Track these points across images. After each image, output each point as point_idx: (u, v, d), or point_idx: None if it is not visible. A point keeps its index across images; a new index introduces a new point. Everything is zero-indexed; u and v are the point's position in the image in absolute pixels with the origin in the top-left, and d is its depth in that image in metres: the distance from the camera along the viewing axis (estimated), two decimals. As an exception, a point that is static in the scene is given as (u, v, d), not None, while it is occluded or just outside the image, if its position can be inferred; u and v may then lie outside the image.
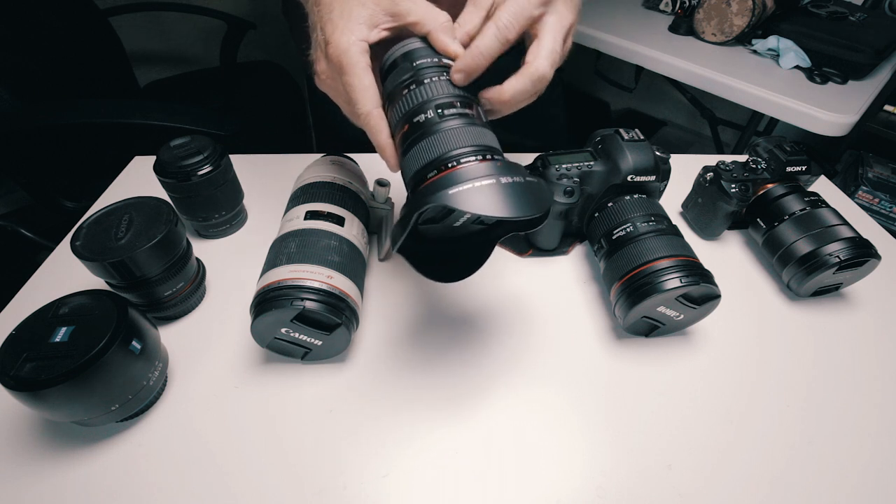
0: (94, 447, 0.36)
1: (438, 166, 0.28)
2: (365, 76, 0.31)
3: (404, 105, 0.31)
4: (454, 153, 0.29)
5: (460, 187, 0.26)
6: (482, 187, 0.26)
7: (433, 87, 0.31)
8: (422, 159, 0.29)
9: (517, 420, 0.38)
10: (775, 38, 1.20)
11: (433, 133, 0.30)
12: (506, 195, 0.26)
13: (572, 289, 0.49)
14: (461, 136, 0.29)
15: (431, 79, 0.31)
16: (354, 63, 0.31)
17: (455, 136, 0.29)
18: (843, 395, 0.42)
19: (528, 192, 0.27)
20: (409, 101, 0.31)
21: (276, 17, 1.77)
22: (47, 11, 1.06)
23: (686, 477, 0.35)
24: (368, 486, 0.34)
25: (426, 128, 0.30)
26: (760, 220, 0.51)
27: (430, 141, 0.29)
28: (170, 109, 0.89)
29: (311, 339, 0.38)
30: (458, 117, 0.30)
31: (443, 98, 0.31)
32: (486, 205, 0.25)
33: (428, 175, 0.29)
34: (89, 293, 0.34)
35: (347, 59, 0.31)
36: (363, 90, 0.31)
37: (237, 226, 0.54)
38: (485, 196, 0.26)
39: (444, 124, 0.30)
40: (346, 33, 0.31)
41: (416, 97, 0.31)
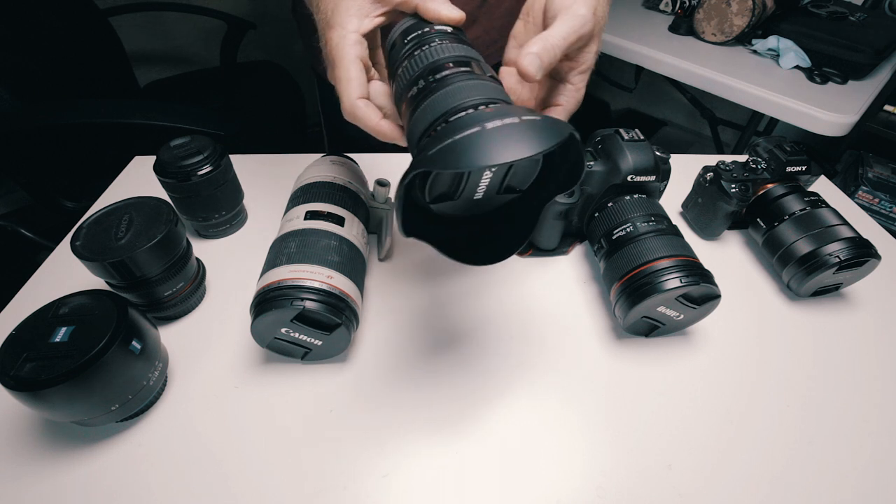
0: (94, 447, 0.36)
1: (444, 120, 0.26)
2: (351, 68, 0.31)
3: (402, 79, 0.30)
4: (467, 103, 0.26)
5: (444, 142, 0.22)
6: (464, 139, 0.22)
7: (427, 54, 0.30)
8: (419, 126, 0.27)
9: (517, 420, 0.38)
10: (775, 38, 1.20)
11: (427, 97, 0.27)
12: (495, 139, 0.22)
13: (572, 289, 0.49)
14: (457, 94, 0.26)
15: (422, 48, 0.30)
16: (342, 56, 0.31)
17: (448, 96, 0.27)
18: (843, 395, 0.42)
19: (527, 130, 0.22)
20: (406, 73, 0.30)
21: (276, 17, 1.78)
22: (47, 11, 1.06)
23: (686, 477, 0.35)
24: (368, 486, 0.34)
25: (421, 95, 0.28)
26: (760, 220, 0.51)
27: (424, 108, 0.27)
28: (170, 109, 0.89)
29: (311, 339, 0.38)
30: (454, 77, 0.28)
31: (439, 61, 0.29)
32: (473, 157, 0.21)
33: (436, 129, 0.26)
34: (89, 293, 0.34)
35: (336, 53, 0.31)
36: (347, 82, 0.31)
37: (237, 226, 0.54)
38: (470, 148, 0.21)
39: (438, 86, 0.27)
40: (337, 29, 0.32)
41: (411, 68, 0.30)
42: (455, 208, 0.30)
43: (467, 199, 0.30)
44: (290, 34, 1.81)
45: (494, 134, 0.21)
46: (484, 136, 0.21)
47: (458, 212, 0.31)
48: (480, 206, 0.31)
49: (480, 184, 0.29)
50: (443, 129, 0.24)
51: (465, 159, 0.21)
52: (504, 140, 0.21)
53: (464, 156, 0.21)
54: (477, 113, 0.24)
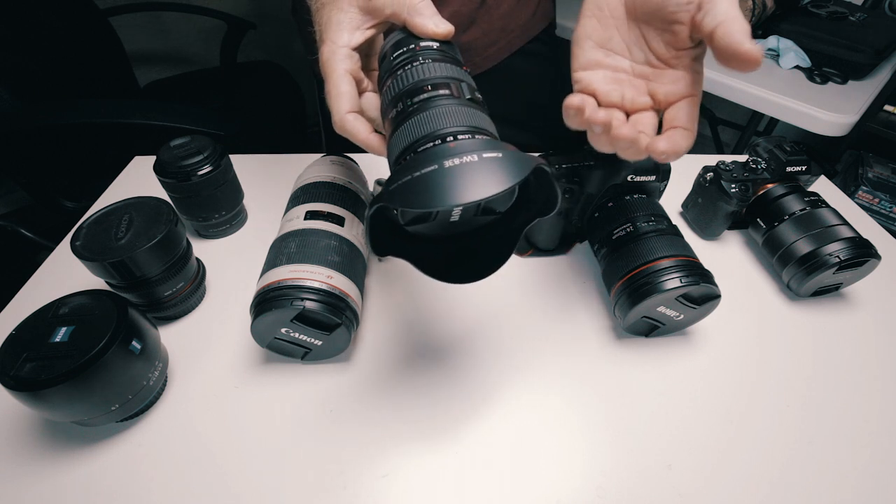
0: (94, 447, 0.36)
1: (413, 150, 0.26)
2: (341, 83, 0.32)
3: (389, 93, 0.30)
4: (437, 133, 0.25)
5: (404, 179, 0.22)
6: (422, 177, 0.22)
7: (408, 75, 0.30)
8: (393, 153, 0.28)
9: (517, 420, 0.38)
10: (775, 38, 1.20)
11: (402, 122, 0.27)
12: (452, 179, 0.21)
13: (572, 289, 0.49)
14: (427, 122, 0.26)
15: (405, 68, 0.30)
16: (332, 71, 0.32)
17: (418, 125, 0.26)
18: (843, 395, 0.42)
19: (485, 169, 0.22)
20: (388, 93, 0.30)
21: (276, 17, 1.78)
22: (47, 11, 1.06)
23: (686, 477, 0.35)
24: (368, 486, 0.34)
25: (398, 119, 0.28)
26: (760, 220, 0.51)
27: (398, 134, 0.27)
28: (170, 109, 0.89)
29: (311, 339, 0.38)
30: (430, 101, 0.28)
31: (427, 81, 0.29)
32: (421, 200, 0.21)
33: (405, 158, 0.26)
34: (89, 293, 0.34)
35: (327, 67, 0.32)
36: (337, 96, 0.31)
37: (237, 226, 0.54)
38: (427, 188, 0.21)
39: (413, 112, 0.27)
40: (328, 44, 0.32)
41: (393, 89, 0.30)
42: (432, 229, 0.30)
43: (443, 221, 0.30)
44: (290, 34, 1.81)
45: (452, 173, 0.21)
46: (441, 175, 0.21)
47: (435, 232, 0.30)
48: (458, 227, 0.30)
49: (454, 210, 0.28)
50: (409, 161, 0.24)
51: (421, 200, 0.21)
52: (461, 179, 0.21)
53: (420, 196, 0.21)
54: (438, 148, 0.24)
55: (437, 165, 0.22)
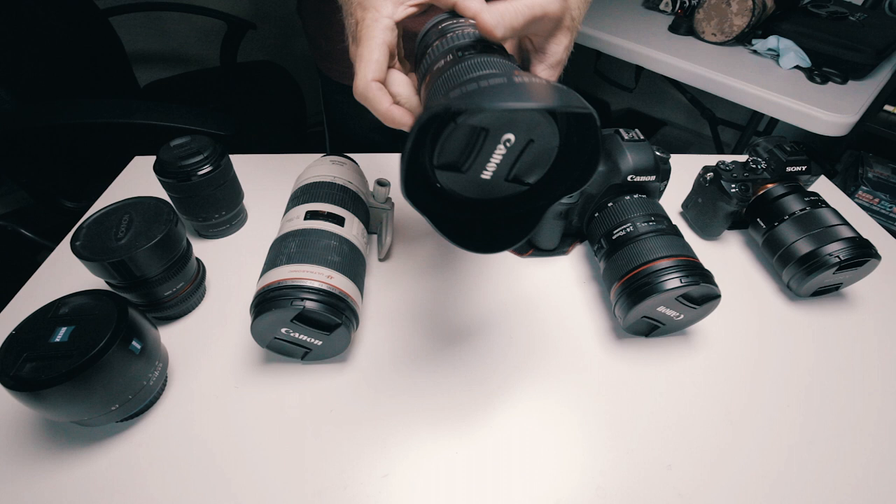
0: (94, 447, 0.36)
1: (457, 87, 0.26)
2: (376, 49, 0.31)
3: (431, 56, 0.30)
4: (476, 74, 0.26)
5: (463, 88, 0.23)
6: (490, 87, 0.22)
7: (453, 38, 0.30)
8: (442, 89, 0.27)
9: (517, 420, 0.38)
10: (775, 38, 1.20)
11: (455, 65, 0.27)
12: (518, 89, 0.22)
13: (572, 289, 0.49)
14: (485, 64, 0.26)
15: (454, 31, 0.30)
16: (370, 37, 0.31)
17: (475, 66, 0.26)
18: (843, 394, 0.42)
19: (551, 90, 0.23)
20: (435, 51, 0.30)
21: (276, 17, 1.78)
22: (47, 11, 1.06)
23: (686, 477, 0.35)
24: (368, 486, 0.34)
25: (449, 66, 0.28)
26: (760, 220, 0.51)
27: (450, 74, 0.27)
28: (170, 109, 0.89)
29: (311, 339, 0.38)
30: (484, 53, 0.28)
31: (470, 41, 0.29)
32: (496, 96, 0.22)
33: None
34: (89, 293, 0.34)
35: (365, 32, 0.31)
36: (367, 62, 0.30)
37: (237, 226, 0.54)
38: (495, 92, 0.22)
39: (467, 58, 0.27)
40: (371, 11, 0.31)
41: (442, 46, 0.30)
42: (460, 185, 0.30)
43: (474, 179, 0.29)
44: (290, 34, 1.81)
45: (520, 87, 0.22)
46: (510, 87, 0.22)
47: (463, 191, 0.30)
48: (486, 191, 0.30)
49: (491, 160, 0.28)
50: (470, 75, 0.24)
51: (489, 98, 0.21)
52: (529, 92, 0.22)
53: (487, 96, 0.22)
54: (504, 72, 0.24)
55: (506, 79, 0.23)
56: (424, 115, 0.23)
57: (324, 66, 0.73)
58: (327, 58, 0.72)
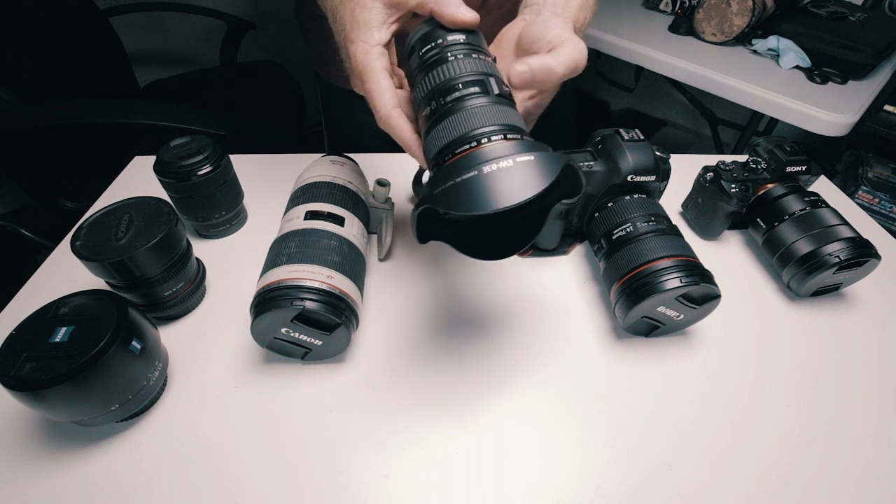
0: (94, 447, 0.36)
1: (451, 151, 0.28)
2: (381, 80, 0.32)
3: (421, 90, 0.31)
4: (471, 134, 0.27)
5: (447, 184, 0.25)
6: (463, 183, 0.24)
7: (441, 73, 0.30)
8: (431, 151, 0.29)
9: (517, 420, 0.38)
10: (775, 38, 1.20)
11: (438, 122, 0.29)
12: (491, 184, 0.24)
13: (572, 289, 0.49)
14: (463, 122, 0.28)
15: (437, 67, 0.31)
16: (370, 70, 0.32)
17: (454, 125, 0.28)
18: (844, 395, 0.42)
19: (521, 173, 0.24)
20: (425, 85, 0.31)
21: (276, 17, 1.78)
22: (47, 11, 1.06)
23: (686, 477, 0.35)
24: (368, 486, 0.34)
25: (433, 118, 0.29)
26: (760, 220, 0.51)
27: (434, 134, 0.29)
28: (170, 109, 0.89)
29: (311, 339, 0.38)
30: (464, 100, 0.29)
31: (459, 79, 0.30)
32: (470, 203, 0.24)
33: (444, 159, 0.28)
34: (89, 293, 0.34)
35: (363, 68, 0.32)
36: (380, 94, 0.32)
37: (237, 226, 0.54)
38: (469, 193, 0.24)
39: (448, 111, 0.29)
40: (359, 44, 0.32)
41: (430, 82, 0.30)
42: (464, 216, 0.31)
43: None
44: (290, 34, 1.81)
45: (490, 179, 0.24)
46: (480, 182, 0.24)
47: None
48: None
49: None
50: (449, 165, 0.27)
51: (465, 204, 0.24)
52: (499, 184, 0.24)
53: (463, 201, 0.24)
54: (474, 153, 0.26)
55: (477, 172, 0.24)
56: (418, 209, 0.26)
57: (321, 69, 0.73)
58: (324, 61, 0.72)
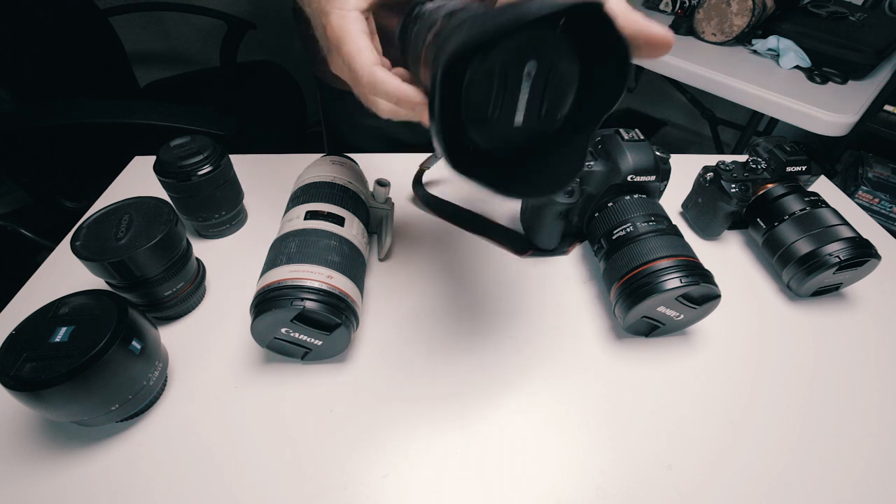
0: (94, 447, 0.36)
1: None
2: (359, 39, 0.29)
3: (422, 29, 0.28)
4: None
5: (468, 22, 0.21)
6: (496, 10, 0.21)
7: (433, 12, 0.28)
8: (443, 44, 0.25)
9: (517, 420, 0.38)
10: (775, 38, 1.20)
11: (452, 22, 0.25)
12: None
13: (572, 289, 0.49)
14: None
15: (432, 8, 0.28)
16: (347, 32, 0.30)
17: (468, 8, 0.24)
18: (844, 395, 0.42)
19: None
20: (425, 23, 0.28)
21: (276, 17, 1.78)
22: (47, 11, 1.06)
23: (686, 477, 0.35)
24: (368, 486, 0.34)
25: (444, 30, 0.25)
26: (760, 220, 0.51)
27: (452, 27, 0.24)
28: (170, 109, 0.89)
29: (311, 339, 0.38)
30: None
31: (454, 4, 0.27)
32: None
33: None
34: (89, 293, 0.34)
35: (340, 32, 0.30)
36: (359, 52, 0.29)
37: (237, 226, 0.54)
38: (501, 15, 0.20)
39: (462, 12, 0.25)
40: (336, 10, 0.30)
41: (425, 20, 0.28)
42: (494, 138, 0.28)
43: (507, 126, 0.27)
44: (290, 34, 1.81)
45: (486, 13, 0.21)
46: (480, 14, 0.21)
47: (500, 143, 0.28)
48: (522, 138, 0.28)
49: (519, 101, 0.26)
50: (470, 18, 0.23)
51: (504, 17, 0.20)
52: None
53: (500, 16, 0.20)
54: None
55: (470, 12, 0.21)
56: (442, 58, 0.21)
57: (320, 71, 0.73)
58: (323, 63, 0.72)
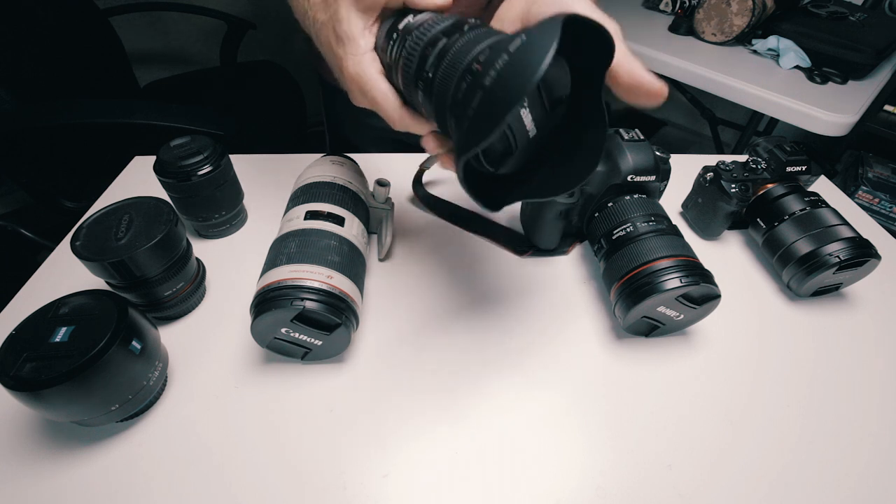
0: (94, 447, 0.36)
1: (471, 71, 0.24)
2: (381, 84, 0.32)
3: (408, 67, 0.29)
4: (466, 62, 0.24)
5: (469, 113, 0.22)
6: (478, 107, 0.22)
7: (419, 37, 0.28)
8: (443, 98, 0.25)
9: (517, 420, 0.38)
10: (775, 38, 1.20)
11: (436, 75, 0.26)
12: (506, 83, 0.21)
13: (572, 289, 0.49)
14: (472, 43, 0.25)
15: (412, 34, 0.29)
16: (367, 79, 0.32)
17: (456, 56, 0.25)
18: (844, 395, 0.42)
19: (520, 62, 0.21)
20: (409, 62, 0.29)
21: (276, 17, 1.78)
22: (47, 11, 1.06)
23: (686, 477, 0.35)
24: (368, 486, 0.34)
25: (428, 86, 0.27)
26: (760, 220, 0.51)
27: (438, 83, 0.26)
28: (169, 109, 0.89)
29: (311, 339, 0.38)
30: (451, 42, 0.26)
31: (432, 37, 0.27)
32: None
33: (462, 91, 0.24)
34: (89, 293, 0.34)
35: (360, 79, 0.33)
36: (385, 98, 0.32)
37: (237, 226, 0.54)
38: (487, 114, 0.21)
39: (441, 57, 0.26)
40: (349, 58, 0.33)
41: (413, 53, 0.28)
42: (519, 157, 0.29)
43: (526, 143, 0.28)
44: (290, 34, 1.81)
45: (501, 82, 0.21)
46: (492, 93, 0.22)
47: (526, 157, 0.29)
48: (543, 137, 0.29)
49: (525, 118, 0.27)
50: (461, 102, 0.24)
51: (494, 115, 0.21)
52: (510, 81, 0.21)
53: (490, 116, 0.21)
54: (475, 80, 0.23)
55: (482, 91, 0.22)
56: (460, 165, 0.23)
57: (323, 70, 0.73)
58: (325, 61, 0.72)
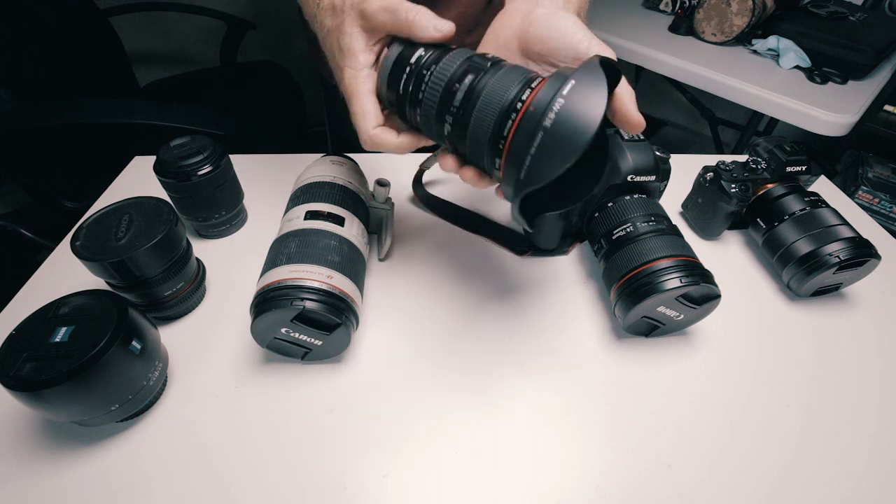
0: (94, 447, 0.36)
1: (501, 137, 0.27)
2: (366, 101, 0.34)
3: (428, 105, 0.31)
4: (507, 102, 0.27)
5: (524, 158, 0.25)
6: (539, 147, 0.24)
7: (433, 89, 0.30)
8: (481, 131, 0.28)
9: (517, 420, 0.38)
10: (775, 38, 1.20)
11: (471, 109, 0.29)
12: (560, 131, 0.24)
13: (572, 289, 0.49)
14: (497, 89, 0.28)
15: (431, 69, 0.31)
16: (355, 93, 0.34)
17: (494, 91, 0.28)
18: (844, 395, 0.42)
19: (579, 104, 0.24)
20: (431, 97, 0.31)
21: (276, 17, 1.78)
22: (47, 11, 1.06)
23: (686, 477, 0.35)
24: (368, 486, 0.34)
25: (460, 119, 0.29)
26: (760, 220, 0.51)
27: (474, 124, 0.28)
28: (169, 109, 0.89)
29: (311, 339, 0.38)
30: (478, 80, 0.29)
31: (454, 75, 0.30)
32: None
33: (503, 134, 0.27)
34: (89, 293, 0.34)
35: (350, 91, 0.34)
36: (363, 115, 0.33)
37: (237, 226, 0.54)
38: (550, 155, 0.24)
39: (474, 95, 0.29)
40: (347, 70, 0.34)
41: (428, 109, 0.31)
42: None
43: None
44: (290, 34, 1.81)
45: (559, 125, 0.24)
46: (552, 134, 0.24)
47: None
48: None
49: None
50: (511, 142, 0.27)
51: (559, 159, 0.24)
52: (570, 125, 0.24)
53: (555, 158, 0.24)
54: (526, 117, 0.26)
55: (542, 131, 0.24)
56: (518, 203, 0.27)
57: (324, 70, 0.73)
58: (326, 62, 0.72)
